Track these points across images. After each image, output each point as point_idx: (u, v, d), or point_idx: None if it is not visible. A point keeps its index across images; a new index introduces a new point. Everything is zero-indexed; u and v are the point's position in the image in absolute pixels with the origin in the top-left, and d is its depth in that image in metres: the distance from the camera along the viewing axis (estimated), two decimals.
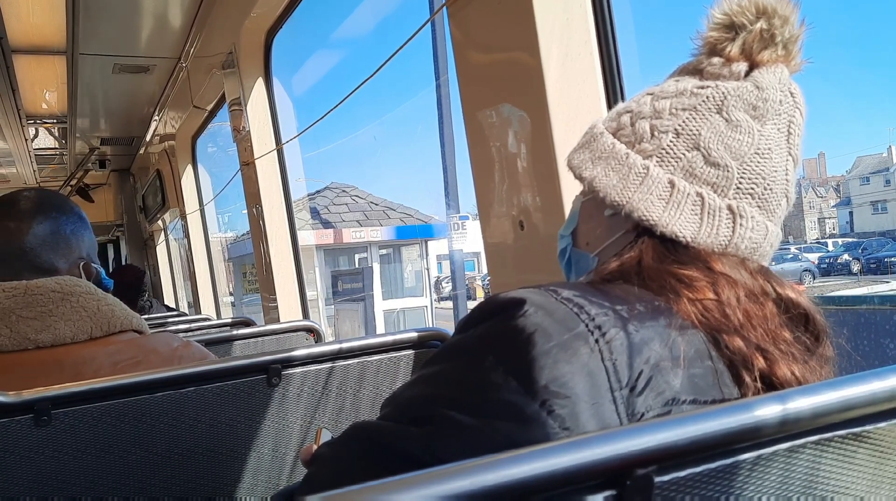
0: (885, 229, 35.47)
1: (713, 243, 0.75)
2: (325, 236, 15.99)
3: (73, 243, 1.32)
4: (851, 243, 28.81)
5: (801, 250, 27.39)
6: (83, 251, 1.34)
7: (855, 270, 23.59)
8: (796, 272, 22.08)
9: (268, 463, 1.26)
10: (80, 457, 1.09)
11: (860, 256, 24.86)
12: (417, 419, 0.63)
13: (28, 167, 5.88)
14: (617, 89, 1.46)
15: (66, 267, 1.30)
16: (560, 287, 0.66)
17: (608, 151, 0.80)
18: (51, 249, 1.28)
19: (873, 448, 0.50)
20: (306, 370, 1.29)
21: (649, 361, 0.61)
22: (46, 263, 1.28)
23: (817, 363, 0.71)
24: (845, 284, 20.25)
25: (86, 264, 1.34)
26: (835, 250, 27.67)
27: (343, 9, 57.03)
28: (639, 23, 27.39)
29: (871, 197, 42.38)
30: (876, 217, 41.14)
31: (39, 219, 1.28)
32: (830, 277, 23.03)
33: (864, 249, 25.87)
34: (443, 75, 9.61)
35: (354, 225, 16.42)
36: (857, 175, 44.53)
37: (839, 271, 23.83)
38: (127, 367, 1.22)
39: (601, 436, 0.43)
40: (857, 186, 44.03)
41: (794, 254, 24.94)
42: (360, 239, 16.21)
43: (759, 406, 0.46)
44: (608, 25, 1.46)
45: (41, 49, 3.49)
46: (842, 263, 24.51)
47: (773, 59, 0.77)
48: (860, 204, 43.32)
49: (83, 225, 1.36)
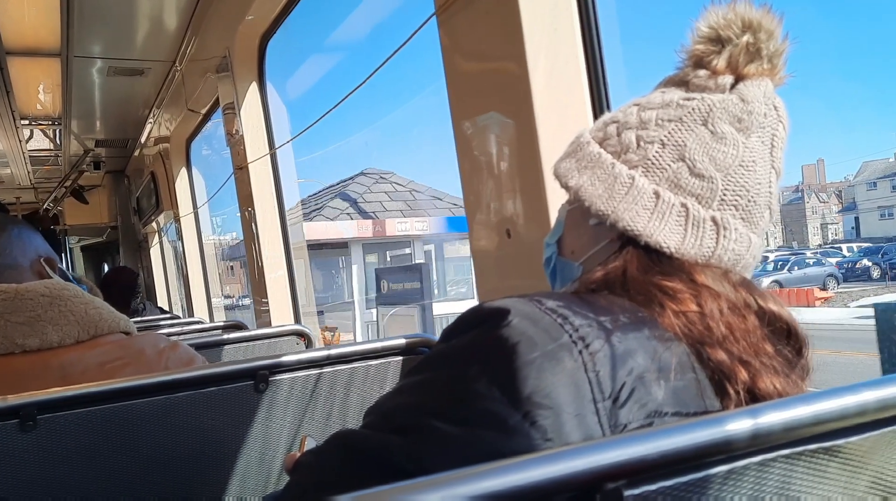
0: (892, 234, 35.04)
1: (697, 253, 0.75)
2: (364, 228, 14.09)
3: (27, 241, 1.38)
4: (870, 248, 27.85)
5: (820, 254, 26.59)
6: (40, 249, 1.40)
7: (875, 275, 23.11)
8: (820, 277, 21.64)
9: (254, 470, 1.26)
10: (66, 463, 1.09)
11: (880, 261, 24.33)
12: (401, 427, 0.63)
13: (22, 168, 5.87)
14: (603, 99, 1.47)
15: (28, 263, 1.35)
16: (545, 297, 0.67)
17: (594, 161, 0.81)
18: (6, 248, 1.34)
19: (845, 462, 0.50)
20: (294, 376, 1.29)
21: (632, 372, 0.61)
22: (9, 260, 1.32)
23: (798, 375, 0.71)
24: (874, 289, 19.82)
25: (47, 260, 1.39)
26: (852, 256, 26.91)
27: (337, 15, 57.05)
28: (625, 32, 27.11)
29: (878, 202, 42.24)
30: (883, 222, 40.98)
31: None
32: (849, 282, 22.62)
33: (885, 253, 25.15)
34: None
35: (396, 215, 14.52)
36: (863, 180, 44.43)
37: (858, 277, 23.40)
38: (114, 368, 1.22)
39: (571, 450, 0.43)
40: (863, 191, 43.88)
41: (817, 258, 24.34)
42: (404, 232, 14.30)
43: (730, 420, 0.46)
44: (594, 35, 1.47)
45: (36, 51, 3.49)
46: (861, 268, 24.01)
47: (759, 72, 0.78)
48: (867, 209, 43.15)
49: (30, 229, 1.43)
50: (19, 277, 1.29)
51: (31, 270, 1.34)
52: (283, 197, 3.38)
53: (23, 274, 1.31)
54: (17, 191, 7.01)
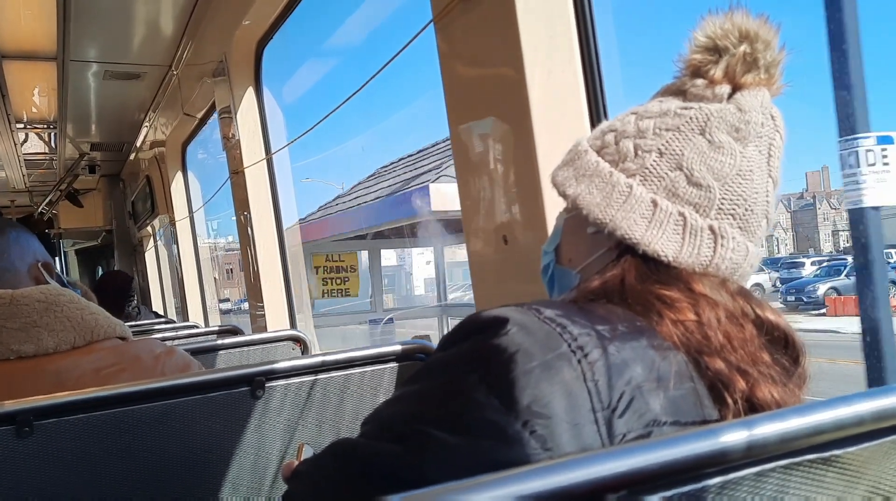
0: None
1: (694, 262, 0.75)
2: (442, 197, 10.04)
3: (24, 246, 1.38)
4: None
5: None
6: (38, 254, 1.40)
7: None
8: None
9: (251, 476, 1.26)
10: (62, 468, 1.08)
11: None
12: (399, 436, 0.63)
13: (17, 172, 5.85)
14: (600, 105, 1.47)
15: (26, 268, 1.35)
16: (543, 306, 0.67)
17: (592, 169, 0.81)
18: (4, 252, 1.34)
19: (842, 472, 0.50)
20: (291, 382, 1.29)
21: (631, 382, 0.61)
22: (5, 264, 1.32)
23: (795, 384, 0.72)
24: None
25: (45, 264, 1.39)
26: None
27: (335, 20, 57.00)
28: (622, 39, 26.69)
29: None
30: None
31: None
32: None
33: None
34: None
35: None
36: None
37: None
38: (110, 374, 1.21)
39: (572, 461, 0.43)
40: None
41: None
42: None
43: (728, 431, 0.46)
44: (591, 42, 1.47)
45: (32, 55, 3.48)
46: None
47: (756, 82, 0.78)
48: (888, 215, 42.55)
49: (27, 233, 1.43)
50: (16, 282, 1.29)
51: (28, 275, 1.34)
52: (279, 202, 3.38)
53: (20, 279, 1.31)
54: (11, 194, 6.99)
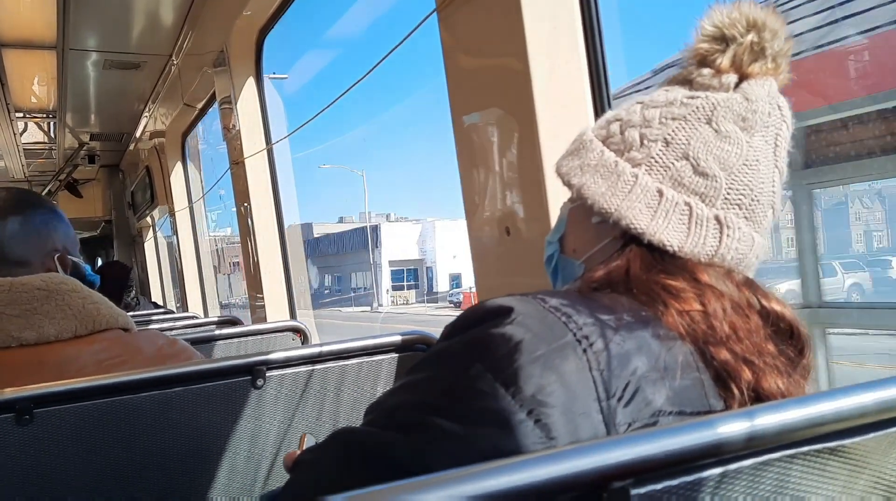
0: None
1: (700, 252, 0.75)
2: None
3: (45, 235, 1.33)
4: None
5: None
6: (57, 244, 1.35)
7: None
8: None
9: (252, 465, 1.26)
10: (62, 457, 1.09)
11: None
12: (403, 425, 0.63)
13: (17, 162, 5.84)
14: (604, 96, 1.47)
15: (40, 260, 1.31)
16: (548, 295, 0.66)
17: (597, 159, 0.80)
18: (21, 242, 1.29)
19: (846, 461, 0.50)
20: (291, 371, 1.29)
21: (636, 372, 0.61)
22: (17, 256, 1.28)
23: (800, 375, 0.71)
24: None
25: (61, 257, 1.34)
26: None
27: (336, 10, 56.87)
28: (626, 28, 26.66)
29: None
30: None
31: (10, 215, 1.29)
32: None
33: None
34: None
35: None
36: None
37: None
38: (111, 366, 1.21)
39: (578, 449, 0.43)
40: None
41: None
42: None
43: (735, 420, 0.46)
44: (596, 33, 1.47)
45: (31, 44, 3.47)
46: None
47: (763, 71, 0.77)
48: None
49: (56, 218, 1.37)
50: (26, 273, 1.26)
51: (42, 267, 1.30)
52: (279, 192, 3.38)
53: (31, 271, 1.28)
54: (10, 184, 6.99)
